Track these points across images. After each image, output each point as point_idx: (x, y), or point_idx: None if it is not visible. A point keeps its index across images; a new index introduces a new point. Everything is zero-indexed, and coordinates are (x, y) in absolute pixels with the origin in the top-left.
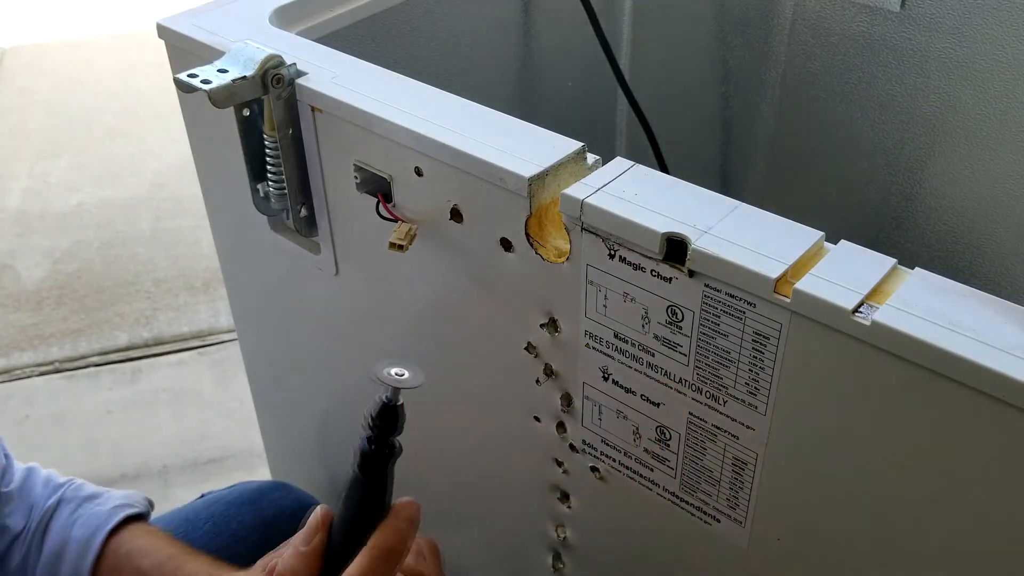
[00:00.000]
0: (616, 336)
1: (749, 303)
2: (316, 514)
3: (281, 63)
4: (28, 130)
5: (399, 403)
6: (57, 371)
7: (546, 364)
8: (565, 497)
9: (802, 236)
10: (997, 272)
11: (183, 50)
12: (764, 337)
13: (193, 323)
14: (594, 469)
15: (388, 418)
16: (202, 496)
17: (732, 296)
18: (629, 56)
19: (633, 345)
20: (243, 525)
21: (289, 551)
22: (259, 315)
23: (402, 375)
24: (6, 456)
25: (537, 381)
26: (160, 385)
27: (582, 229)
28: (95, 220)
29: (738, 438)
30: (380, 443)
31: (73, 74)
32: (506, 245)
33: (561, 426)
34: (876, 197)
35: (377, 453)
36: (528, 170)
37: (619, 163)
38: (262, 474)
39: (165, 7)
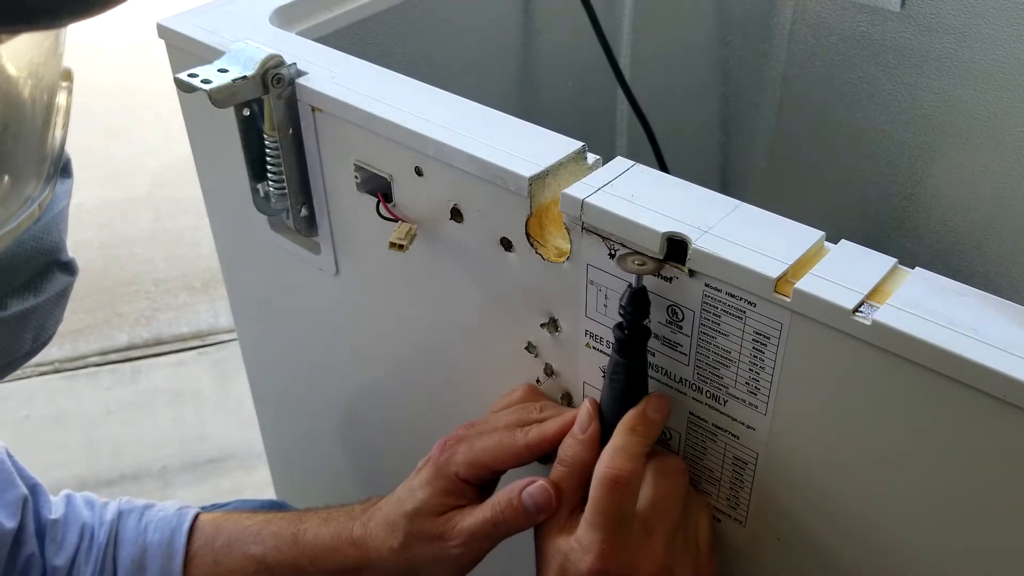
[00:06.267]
0: None
1: (749, 303)
2: (586, 404)
3: (281, 63)
4: None
5: (643, 287)
6: (57, 371)
7: (546, 364)
8: None
9: (802, 236)
10: (997, 272)
11: (183, 50)
12: (764, 337)
13: (193, 323)
14: None
15: (639, 302)
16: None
17: (732, 296)
18: (629, 56)
19: None
20: None
21: (568, 440)
22: (259, 315)
23: (643, 264)
24: (28, 477)
25: (538, 381)
26: (160, 385)
27: (582, 229)
28: (95, 220)
29: (738, 438)
30: (634, 326)
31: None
32: (506, 245)
33: None
34: (876, 197)
35: (633, 336)
36: (528, 170)
37: (619, 163)
38: (262, 474)
39: (165, 7)
